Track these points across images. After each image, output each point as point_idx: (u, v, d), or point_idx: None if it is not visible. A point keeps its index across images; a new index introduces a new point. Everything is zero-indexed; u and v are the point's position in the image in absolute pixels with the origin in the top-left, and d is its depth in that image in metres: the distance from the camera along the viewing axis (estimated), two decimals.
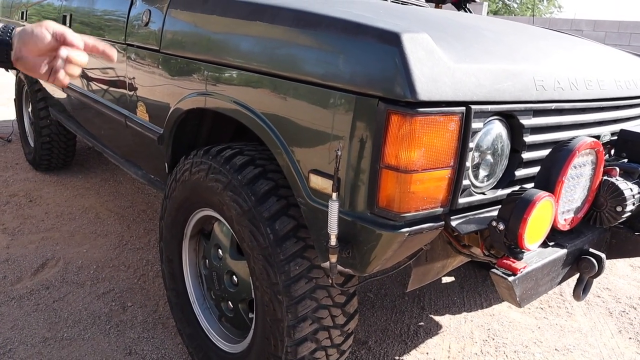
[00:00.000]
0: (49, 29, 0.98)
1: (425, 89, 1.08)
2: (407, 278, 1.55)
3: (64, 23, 2.81)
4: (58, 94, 3.19)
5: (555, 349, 2.21)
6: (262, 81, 1.41)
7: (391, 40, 1.11)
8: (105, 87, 2.39)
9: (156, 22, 1.88)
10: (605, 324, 2.42)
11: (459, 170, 1.19)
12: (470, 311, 2.45)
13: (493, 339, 2.24)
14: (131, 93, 2.12)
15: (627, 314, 2.52)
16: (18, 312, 2.21)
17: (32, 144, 4.06)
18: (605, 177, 1.42)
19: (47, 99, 3.62)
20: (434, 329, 2.28)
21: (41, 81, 3.52)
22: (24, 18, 3.64)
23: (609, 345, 2.26)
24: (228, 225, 1.58)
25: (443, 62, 1.14)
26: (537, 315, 2.45)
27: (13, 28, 1.01)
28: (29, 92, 3.81)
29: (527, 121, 1.31)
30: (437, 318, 2.37)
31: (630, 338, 2.32)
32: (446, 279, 2.74)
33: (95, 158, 4.44)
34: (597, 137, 1.58)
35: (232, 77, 1.52)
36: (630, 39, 8.84)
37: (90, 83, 2.56)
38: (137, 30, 2.00)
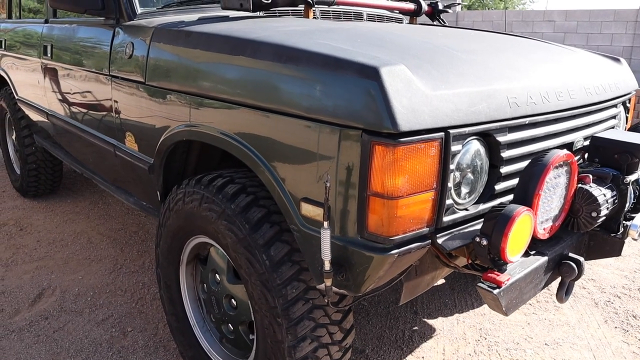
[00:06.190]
0: None
1: (405, 120, 1.15)
2: (399, 288, 1.62)
3: (44, 53, 2.83)
4: (42, 121, 3.20)
5: (545, 344, 2.29)
6: (249, 114, 1.46)
7: (370, 75, 1.18)
8: (91, 116, 2.42)
9: (140, 54, 1.92)
10: (591, 315, 2.51)
11: (441, 191, 1.26)
12: (462, 312, 2.53)
13: (485, 339, 2.32)
14: (119, 123, 2.16)
15: (612, 303, 2.62)
16: (19, 345, 2.24)
17: (18, 171, 4.07)
18: (579, 185, 1.50)
19: (31, 127, 3.63)
20: (428, 333, 2.35)
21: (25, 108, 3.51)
22: (3, 47, 3.64)
23: (596, 335, 2.35)
24: (224, 252, 1.63)
25: (421, 92, 1.21)
26: (526, 311, 2.54)
27: None
28: (12, 119, 3.81)
29: (503, 138, 1.38)
30: (430, 321, 2.44)
31: (615, 327, 2.41)
32: (437, 282, 2.81)
33: (83, 181, 4.45)
34: (571, 143, 1.66)
35: (219, 110, 1.57)
36: (601, 27, 9.02)
37: (76, 112, 2.58)
38: (121, 62, 2.04)
